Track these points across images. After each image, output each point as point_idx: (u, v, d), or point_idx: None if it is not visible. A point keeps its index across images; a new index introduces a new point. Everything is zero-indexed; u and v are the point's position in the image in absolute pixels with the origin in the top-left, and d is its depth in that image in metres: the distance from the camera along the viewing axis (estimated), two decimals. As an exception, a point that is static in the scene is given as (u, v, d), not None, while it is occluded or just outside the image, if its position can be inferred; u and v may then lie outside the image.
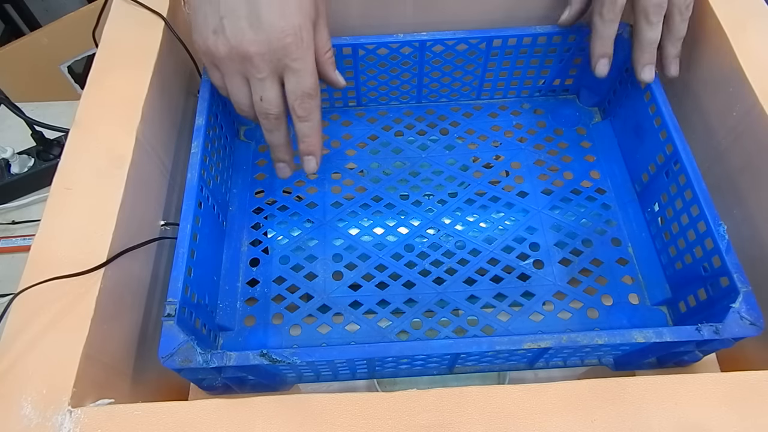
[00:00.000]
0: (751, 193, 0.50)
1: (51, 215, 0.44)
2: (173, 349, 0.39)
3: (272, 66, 0.46)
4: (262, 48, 0.45)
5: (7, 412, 0.36)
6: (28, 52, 1.20)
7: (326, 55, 0.50)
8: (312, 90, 0.47)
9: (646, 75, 0.52)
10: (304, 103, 0.47)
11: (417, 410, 0.36)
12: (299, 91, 0.47)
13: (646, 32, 0.51)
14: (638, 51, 0.52)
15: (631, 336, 0.39)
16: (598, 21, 0.51)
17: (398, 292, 0.52)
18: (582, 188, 0.57)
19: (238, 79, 0.48)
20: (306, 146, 0.50)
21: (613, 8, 0.50)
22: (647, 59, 0.52)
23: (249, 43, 0.45)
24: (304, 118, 0.48)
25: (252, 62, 0.45)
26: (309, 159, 0.51)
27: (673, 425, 0.35)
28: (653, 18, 0.50)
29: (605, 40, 0.52)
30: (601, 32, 0.52)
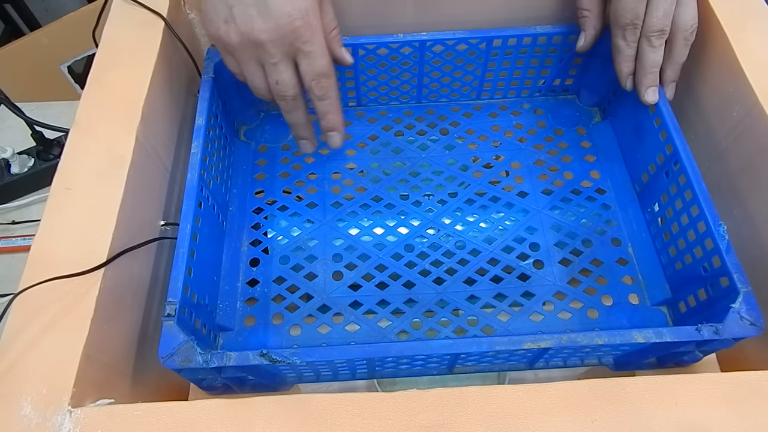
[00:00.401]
0: (751, 193, 0.50)
1: (51, 215, 0.44)
2: (173, 349, 0.39)
3: (284, 50, 0.47)
4: (273, 34, 0.46)
5: (7, 412, 0.36)
6: (28, 52, 1.20)
7: (332, 33, 0.52)
8: (326, 69, 0.49)
9: (650, 97, 0.52)
10: (320, 83, 0.49)
11: (417, 410, 0.36)
12: (313, 72, 0.48)
13: (649, 55, 0.51)
14: (641, 74, 0.52)
15: (631, 336, 0.39)
16: (622, 44, 0.52)
17: (398, 292, 0.52)
18: (582, 188, 0.57)
19: (253, 65, 0.49)
20: (327, 122, 0.52)
21: (635, 31, 0.51)
22: (650, 81, 0.52)
23: (259, 31, 0.46)
24: (322, 96, 0.50)
25: (264, 48, 0.47)
26: (332, 135, 0.53)
27: (673, 425, 0.35)
28: (656, 42, 0.51)
29: (631, 60, 0.53)
30: (627, 54, 0.52)
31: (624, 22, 0.51)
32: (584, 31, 0.56)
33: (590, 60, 0.60)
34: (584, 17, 0.55)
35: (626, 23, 0.51)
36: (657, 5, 0.50)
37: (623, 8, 0.50)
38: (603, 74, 0.59)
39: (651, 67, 0.52)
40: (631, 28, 0.51)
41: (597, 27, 0.55)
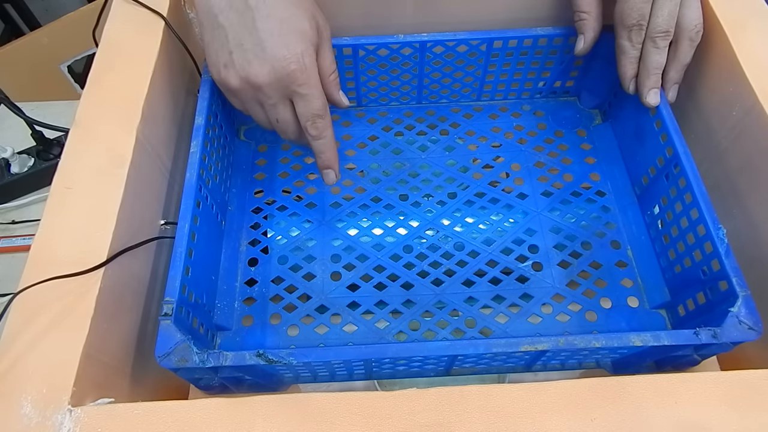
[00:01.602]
0: (751, 193, 0.50)
1: (51, 215, 0.44)
2: (170, 349, 0.39)
3: (280, 92, 0.49)
4: (269, 77, 0.48)
5: (7, 411, 0.36)
6: (28, 52, 1.20)
7: (331, 77, 0.53)
8: (320, 111, 0.50)
9: (652, 99, 0.52)
10: (315, 124, 0.50)
11: (417, 409, 0.36)
12: (308, 113, 0.50)
13: (654, 56, 0.51)
14: (644, 75, 0.52)
15: (629, 339, 0.39)
16: (627, 45, 0.52)
17: (396, 293, 0.52)
18: (582, 190, 0.57)
19: (255, 105, 0.51)
20: (322, 161, 0.53)
21: (640, 32, 0.51)
22: (653, 83, 0.52)
23: (256, 74, 0.48)
24: (317, 136, 0.51)
25: (262, 91, 0.49)
26: (327, 172, 0.54)
27: (672, 424, 0.35)
28: (660, 43, 0.51)
29: (635, 61, 0.52)
30: (632, 55, 0.52)
31: (630, 23, 0.51)
32: (583, 34, 0.55)
33: (591, 62, 0.60)
34: (582, 20, 0.55)
35: (632, 24, 0.50)
36: (662, 6, 0.49)
37: (629, 8, 0.50)
38: (604, 76, 0.59)
39: (654, 68, 0.51)
40: (637, 29, 0.51)
41: (596, 29, 0.55)
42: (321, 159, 0.53)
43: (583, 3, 0.54)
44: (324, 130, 0.51)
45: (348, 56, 0.58)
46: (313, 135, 0.51)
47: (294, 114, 0.51)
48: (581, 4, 0.55)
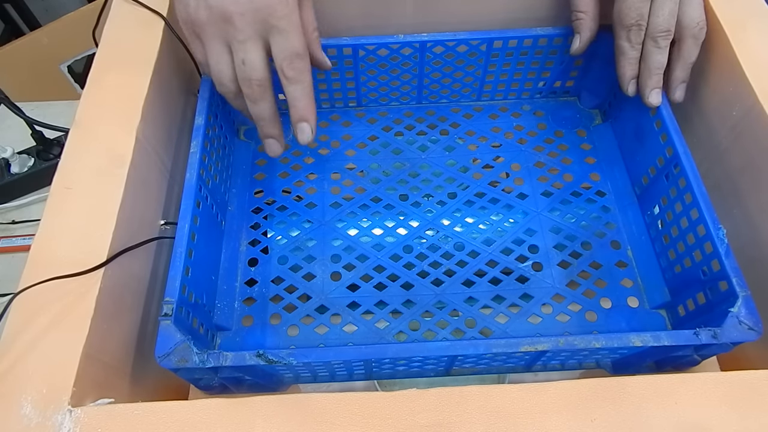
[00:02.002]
0: (751, 193, 0.50)
1: (51, 215, 0.44)
2: (170, 349, 0.39)
3: (255, 27, 0.44)
4: (244, 7, 0.43)
5: (7, 411, 0.36)
6: (28, 52, 1.20)
7: (314, 34, 0.50)
8: (301, 49, 0.45)
9: (654, 99, 0.51)
10: (294, 63, 0.45)
11: (417, 410, 0.36)
12: (287, 50, 0.45)
13: (655, 56, 0.50)
14: (646, 75, 0.51)
15: (629, 340, 0.39)
16: (626, 45, 0.51)
17: (396, 294, 0.52)
18: (582, 190, 0.57)
19: (219, 46, 0.46)
20: (297, 111, 0.47)
21: (639, 33, 0.50)
22: (655, 83, 0.51)
23: (230, 3, 0.43)
24: (294, 79, 0.46)
25: (233, 23, 0.44)
26: (302, 126, 0.48)
27: (673, 425, 0.35)
28: (662, 42, 0.50)
29: (635, 62, 0.52)
30: (631, 56, 0.51)
31: (629, 23, 0.50)
32: (579, 34, 0.55)
33: (591, 62, 0.60)
34: (579, 19, 0.55)
35: (631, 23, 0.50)
36: (662, 4, 0.49)
37: (628, 8, 0.50)
38: (604, 76, 0.59)
39: (656, 68, 0.51)
40: (636, 29, 0.50)
41: (592, 29, 0.55)
42: (296, 108, 0.47)
43: (580, 2, 0.54)
44: (303, 72, 0.46)
45: (348, 56, 0.58)
46: (290, 76, 0.45)
47: (265, 58, 0.46)
48: (578, 3, 0.54)
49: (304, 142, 0.48)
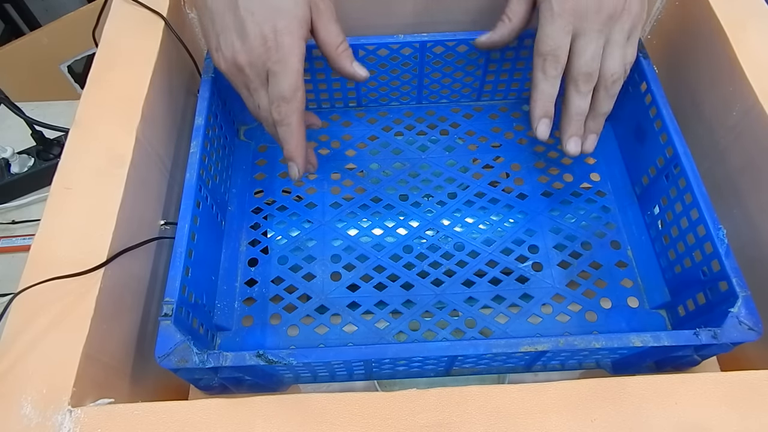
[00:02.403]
0: (751, 193, 0.50)
1: (51, 215, 0.44)
2: (170, 349, 0.39)
3: (261, 75, 0.47)
4: (249, 57, 0.46)
5: (7, 411, 0.36)
6: (28, 52, 1.20)
7: (339, 49, 0.50)
8: (287, 93, 0.46)
9: (572, 148, 0.50)
10: (279, 107, 0.47)
11: (417, 410, 0.36)
12: (275, 94, 0.47)
13: (575, 100, 0.49)
14: (565, 121, 0.50)
15: (629, 340, 0.39)
16: (540, 76, 0.49)
17: (396, 294, 0.52)
18: (582, 191, 0.57)
19: (244, 89, 0.49)
20: (286, 152, 0.49)
21: (556, 65, 0.48)
22: (574, 130, 0.50)
23: (238, 54, 0.46)
24: (280, 122, 0.48)
25: (245, 73, 0.47)
26: (290, 165, 0.50)
27: (673, 425, 0.35)
28: (583, 87, 0.49)
29: (547, 99, 0.50)
30: (543, 89, 0.49)
31: (544, 50, 0.48)
32: (492, 32, 0.54)
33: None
34: (502, 22, 0.54)
35: (546, 51, 0.48)
36: (584, 47, 0.48)
37: (546, 35, 0.48)
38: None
39: (576, 114, 0.49)
40: (552, 60, 0.48)
41: (503, 36, 0.54)
42: (284, 149, 0.49)
43: (511, 9, 0.53)
44: (288, 116, 0.47)
45: (348, 56, 0.58)
46: (276, 120, 0.47)
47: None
48: (510, 8, 0.53)
49: (292, 178, 0.51)
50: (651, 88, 0.52)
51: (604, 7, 0.47)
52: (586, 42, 0.48)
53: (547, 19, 0.48)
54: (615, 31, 0.48)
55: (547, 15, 0.48)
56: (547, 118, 0.50)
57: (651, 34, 0.65)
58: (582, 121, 0.50)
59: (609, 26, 0.48)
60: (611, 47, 0.48)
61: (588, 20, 0.47)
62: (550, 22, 0.48)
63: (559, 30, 0.48)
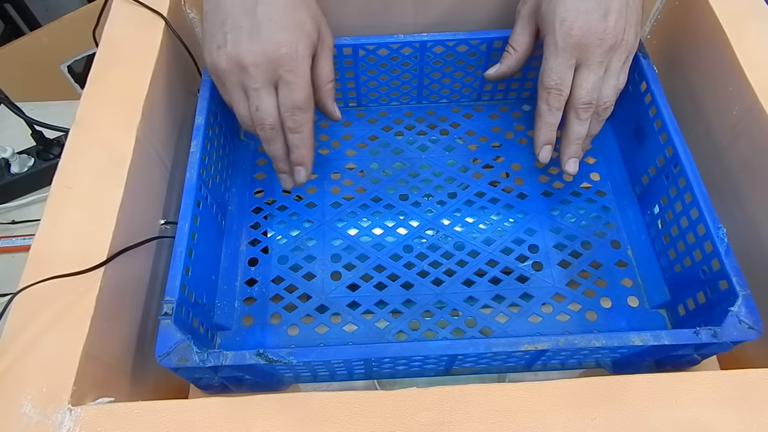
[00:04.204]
0: (751, 193, 0.50)
1: (51, 214, 0.44)
2: (170, 348, 0.39)
3: (267, 76, 0.48)
4: (258, 58, 0.47)
5: (8, 410, 0.36)
6: (28, 52, 1.20)
7: (327, 86, 0.52)
8: (303, 103, 0.48)
9: (571, 168, 0.53)
10: (295, 116, 0.49)
11: (417, 408, 0.36)
12: (290, 103, 0.48)
13: (575, 126, 0.51)
14: (565, 144, 0.52)
15: (629, 339, 0.39)
16: (544, 108, 0.51)
17: (396, 293, 0.52)
18: (582, 190, 0.57)
19: (239, 92, 0.49)
20: (296, 157, 0.51)
21: (558, 97, 0.50)
22: (573, 152, 0.52)
23: (246, 53, 0.47)
24: (294, 129, 0.49)
25: (248, 72, 0.47)
26: (299, 169, 0.52)
27: (672, 423, 0.35)
28: (583, 114, 0.51)
29: (551, 128, 0.52)
30: (547, 119, 0.52)
31: (549, 84, 0.50)
32: (500, 64, 0.56)
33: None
34: (508, 53, 0.56)
35: (551, 86, 0.50)
36: (586, 77, 0.49)
37: (550, 69, 0.50)
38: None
39: (576, 138, 0.52)
40: (555, 93, 0.50)
41: (512, 67, 0.56)
42: (295, 154, 0.51)
43: (516, 40, 0.55)
44: (302, 125, 0.49)
45: (348, 56, 0.58)
46: (290, 127, 0.49)
47: (276, 104, 0.49)
48: (515, 39, 0.55)
49: (298, 182, 0.53)
50: (651, 88, 0.52)
51: (606, 39, 0.49)
52: (588, 73, 0.50)
53: (551, 53, 0.50)
54: (614, 61, 0.50)
55: (552, 49, 0.50)
56: (550, 145, 0.53)
57: (651, 34, 0.65)
58: (580, 144, 0.52)
59: (609, 56, 0.50)
60: (608, 76, 0.50)
61: (591, 52, 0.49)
62: (554, 57, 0.50)
63: (563, 64, 0.49)
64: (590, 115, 0.51)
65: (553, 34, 0.49)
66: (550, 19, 0.50)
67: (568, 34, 0.49)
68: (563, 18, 0.49)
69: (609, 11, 0.48)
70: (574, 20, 0.48)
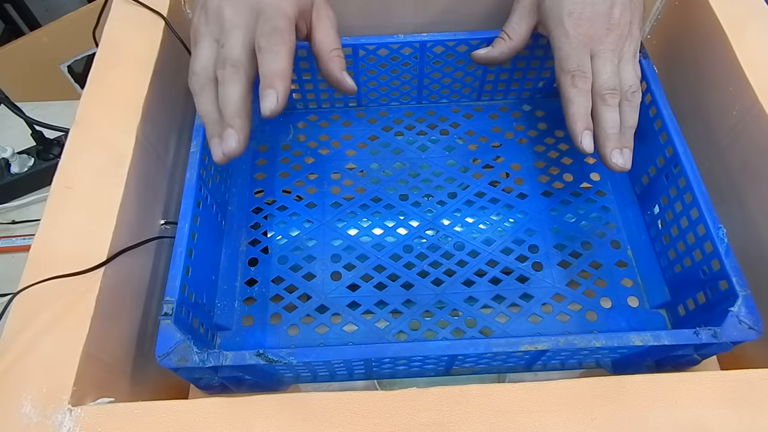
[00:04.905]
0: (751, 193, 0.50)
1: (51, 214, 0.44)
2: (170, 348, 0.39)
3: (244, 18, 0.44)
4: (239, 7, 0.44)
5: (7, 410, 0.36)
6: (28, 52, 1.20)
7: (331, 53, 0.48)
8: (282, 25, 0.43)
9: (618, 161, 0.47)
10: (271, 36, 0.43)
11: (417, 409, 0.36)
12: (267, 27, 0.43)
13: (607, 114, 0.48)
14: (603, 137, 0.48)
15: (629, 339, 0.39)
16: (573, 91, 0.48)
17: (396, 293, 0.52)
18: (582, 190, 0.57)
19: (208, 41, 0.45)
20: (267, 79, 0.42)
21: (585, 79, 0.48)
22: (614, 143, 0.48)
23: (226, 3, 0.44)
24: (266, 48, 0.42)
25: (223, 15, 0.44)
26: (268, 93, 0.42)
27: (672, 423, 0.35)
28: (610, 100, 0.48)
29: (585, 111, 0.48)
30: (579, 102, 0.48)
31: (571, 67, 0.48)
32: (490, 47, 0.55)
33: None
34: (501, 39, 0.55)
35: (573, 68, 0.48)
36: (603, 65, 0.48)
37: (567, 54, 0.49)
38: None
39: (611, 127, 0.48)
40: (580, 74, 0.48)
41: (503, 54, 0.55)
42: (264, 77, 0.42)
43: (512, 28, 0.54)
44: (277, 45, 0.42)
45: (348, 56, 0.58)
46: (262, 46, 0.42)
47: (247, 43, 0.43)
48: (510, 27, 0.54)
49: (267, 111, 0.41)
50: (651, 88, 0.52)
51: (614, 29, 0.49)
52: (603, 62, 0.49)
53: (563, 41, 0.50)
54: (625, 50, 0.50)
55: (563, 39, 0.50)
56: (589, 131, 0.48)
57: (651, 34, 0.65)
58: (618, 132, 0.48)
59: (619, 45, 0.49)
60: (624, 64, 0.50)
61: (601, 42, 0.49)
62: (568, 44, 0.49)
63: (579, 49, 0.49)
64: (617, 101, 0.48)
65: (562, 25, 0.49)
66: (556, 12, 0.50)
67: (578, 24, 0.49)
68: (570, 10, 0.49)
69: (614, 3, 0.49)
70: (582, 11, 0.49)
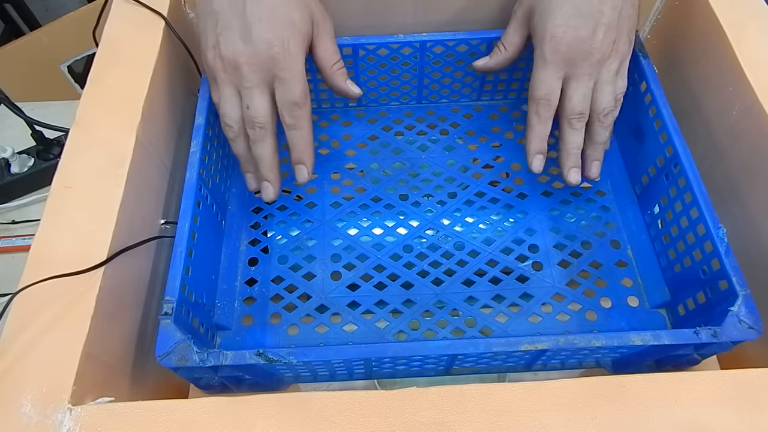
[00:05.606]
0: (751, 193, 0.50)
1: (51, 214, 0.44)
2: (170, 348, 0.39)
3: (261, 75, 0.48)
4: (251, 58, 0.47)
5: (7, 410, 0.36)
6: (28, 52, 1.20)
7: (334, 67, 0.53)
8: (299, 99, 0.49)
9: (573, 178, 0.53)
10: (293, 111, 0.49)
11: (417, 408, 0.36)
12: (286, 99, 0.48)
13: (570, 137, 0.52)
14: (564, 156, 0.53)
15: (629, 339, 0.39)
16: (534, 119, 0.52)
17: (396, 293, 0.52)
18: (582, 190, 0.57)
19: (230, 90, 0.49)
20: (296, 155, 0.51)
21: (548, 108, 0.51)
22: (572, 162, 0.52)
23: (239, 54, 0.47)
24: (293, 126, 0.49)
25: (241, 72, 0.48)
26: (300, 168, 0.51)
27: (672, 423, 0.35)
28: (576, 125, 0.51)
29: (541, 138, 0.52)
30: (538, 130, 0.52)
31: (538, 95, 0.51)
32: (489, 58, 0.57)
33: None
34: (498, 50, 0.56)
35: (540, 96, 0.51)
36: (576, 88, 0.50)
37: (540, 81, 0.51)
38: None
39: (573, 149, 0.52)
40: (545, 104, 0.51)
41: (499, 64, 0.57)
42: (295, 152, 0.51)
43: (508, 39, 0.56)
44: (301, 120, 0.49)
45: (348, 56, 0.58)
46: (289, 124, 0.49)
47: (270, 104, 0.49)
48: (506, 39, 0.56)
49: (300, 181, 0.52)
50: (651, 88, 0.52)
51: (594, 53, 0.50)
52: (576, 86, 0.50)
53: (539, 66, 0.51)
54: (603, 73, 0.51)
55: (540, 63, 0.51)
56: (541, 155, 0.53)
57: (651, 34, 0.65)
58: (578, 153, 0.53)
59: (598, 69, 0.50)
60: (601, 85, 0.51)
61: (578, 66, 0.50)
62: (543, 69, 0.51)
63: (551, 76, 0.50)
64: (583, 124, 0.51)
65: (542, 47, 0.50)
66: (540, 32, 0.51)
67: (556, 50, 0.50)
68: (552, 33, 0.50)
69: (598, 26, 0.49)
70: (563, 36, 0.49)
